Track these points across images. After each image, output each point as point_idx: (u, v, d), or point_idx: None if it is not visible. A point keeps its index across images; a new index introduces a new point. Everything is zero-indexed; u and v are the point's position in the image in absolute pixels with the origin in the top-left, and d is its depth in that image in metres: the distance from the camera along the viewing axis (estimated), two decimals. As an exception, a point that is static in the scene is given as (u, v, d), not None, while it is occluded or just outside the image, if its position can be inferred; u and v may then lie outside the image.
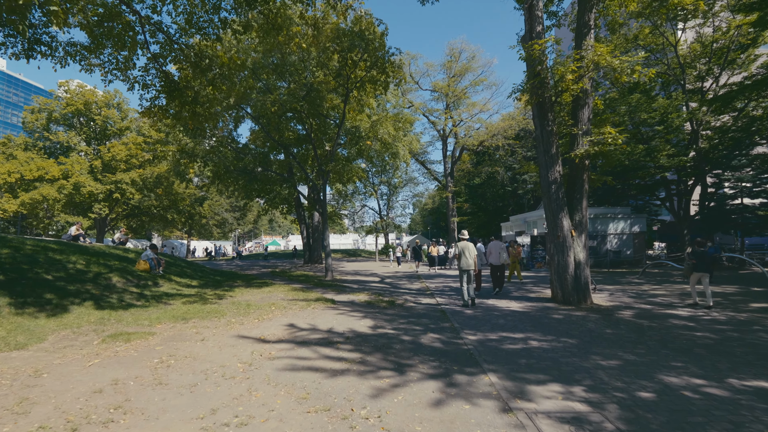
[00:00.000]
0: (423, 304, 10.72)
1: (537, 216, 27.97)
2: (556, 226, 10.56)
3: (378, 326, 7.77)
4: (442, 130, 36.80)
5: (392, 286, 15.34)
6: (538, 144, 11.02)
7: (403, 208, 56.89)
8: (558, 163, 10.73)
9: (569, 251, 10.45)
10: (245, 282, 16.38)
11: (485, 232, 46.88)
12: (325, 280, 17.18)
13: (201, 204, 46.16)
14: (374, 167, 36.46)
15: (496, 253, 12.89)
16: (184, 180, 23.78)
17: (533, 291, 13.20)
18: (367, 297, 11.75)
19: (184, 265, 18.56)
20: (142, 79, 11.82)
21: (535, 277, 18.84)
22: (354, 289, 14.05)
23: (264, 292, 12.63)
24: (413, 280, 17.57)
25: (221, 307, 9.35)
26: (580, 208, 10.84)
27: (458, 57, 34.84)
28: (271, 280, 17.26)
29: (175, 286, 12.69)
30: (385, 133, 20.53)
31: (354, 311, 9.36)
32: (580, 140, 10.85)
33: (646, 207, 32.60)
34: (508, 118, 34.66)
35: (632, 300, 11.20)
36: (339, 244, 78.47)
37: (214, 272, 20.94)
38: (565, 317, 8.72)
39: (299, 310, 9.37)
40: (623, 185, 33.83)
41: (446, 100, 35.28)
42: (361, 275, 20.59)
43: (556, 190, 10.59)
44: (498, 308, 9.95)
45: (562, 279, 10.49)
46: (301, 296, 11.54)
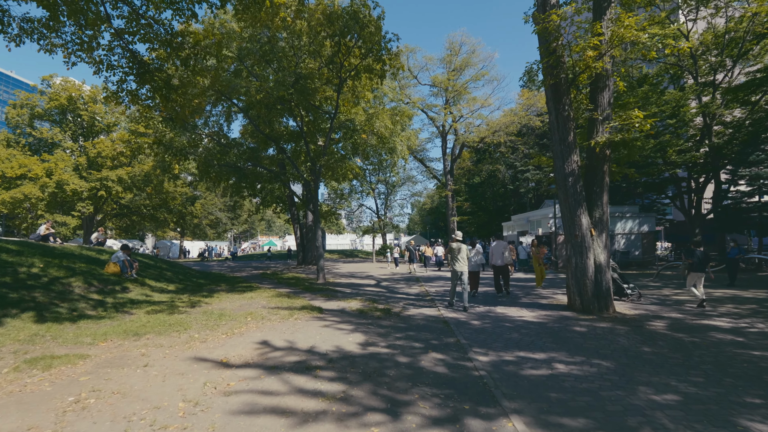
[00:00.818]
0: (423, 312, 9.44)
1: (541, 215, 26.76)
2: (574, 224, 9.30)
3: (370, 343, 6.49)
4: (442, 127, 35.52)
5: (389, 290, 14.06)
6: (552, 131, 9.76)
7: (402, 208, 55.71)
8: (575, 152, 9.47)
9: (588, 252, 9.19)
10: (229, 286, 15.07)
11: (486, 232, 45.65)
12: (317, 284, 15.89)
13: (192, 203, 44.76)
14: (371, 165, 35.14)
15: (499, 253, 12.23)
16: (167, 173, 22.47)
17: (544, 296, 11.94)
18: (360, 304, 10.46)
19: (165, 267, 17.24)
20: (107, 59, 10.51)
21: (542, 279, 17.58)
22: (346, 294, 12.76)
23: (245, 298, 11.33)
24: (411, 284, 16.29)
25: (189, 318, 8.05)
26: (600, 203, 9.58)
27: (458, 51, 33.59)
28: (258, 284, 15.96)
29: (147, 292, 11.38)
30: (381, 127, 19.27)
31: (343, 323, 8.07)
32: (600, 127, 9.60)
33: (654, 206, 31.41)
34: (510, 114, 33.42)
35: (658, 307, 9.94)
36: (336, 244, 77.14)
37: (200, 275, 19.64)
38: (589, 330, 7.46)
39: (279, 321, 8.07)
40: (629, 183, 32.68)
41: (446, 95, 34.00)
42: (356, 278, 19.31)
43: (574, 183, 9.33)
44: (508, 318, 8.68)
45: (581, 284, 9.23)
46: (286, 303, 10.24)
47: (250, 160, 19.27)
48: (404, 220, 68.62)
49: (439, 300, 11.36)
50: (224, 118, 24.36)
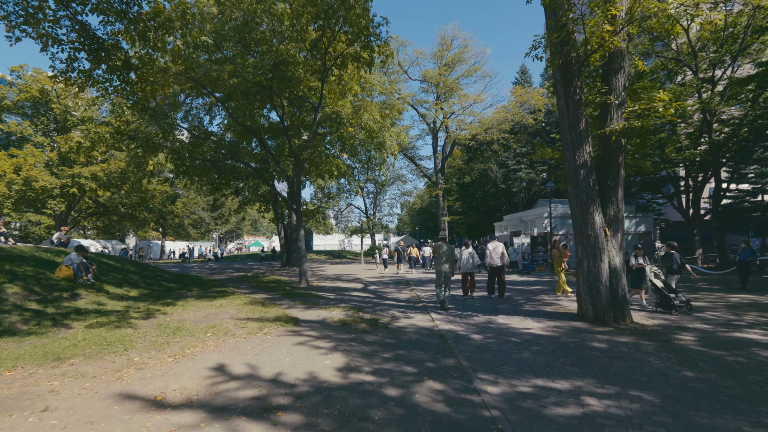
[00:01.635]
0: (414, 323, 8.25)
1: (535, 215, 25.82)
2: (586, 222, 8.20)
3: (351, 367, 5.27)
4: (432, 123, 34.45)
5: (376, 295, 12.84)
6: (561, 118, 8.65)
7: (391, 207, 54.52)
8: (587, 141, 8.37)
9: (602, 255, 8.10)
10: (201, 290, 13.72)
11: (476, 233, 44.70)
12: (298, 288, 14.61)
13: (173, 202, 43.00)
14: (359, 162, 33.90)
15: (496, 253, 11.80)
16: (141, 170, 21.00)
17: (547, 302, 10.84)
18: (344, 314, 9.23)
19: (133, 270, 15.80)
20: (53, 30, 9.15)
21: (540, 282, 16.53)
22: (329, 300, 11.51)
23: (214, 306, 10.01)
24: (401, 287, 15.10)
25: (135, 334, 6.74)
26: (615, 199, 8.50)
27: (450, 45, 32.54)
28: (234, 288, 14.62)
29: (101, 300, 10.00)
30: (370, 120, 18.05)
31: (321, 339, 6.83)
32: (615, 113, 8.53)
33: (649, 206, 30.72)
34: (503, 111, 32.46)
35: (676, 316, 8.89)
36: (324, 245, 75.71)
37: (174, 278, 18.21)
38: (611, 346, 6.34)
39: (245, 337, 6.80)
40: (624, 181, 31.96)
41: (437, 91, 32.91)
42: (343, 280, 18.05)
43: (586, 177, 8.23)
44: (513, 330, 7.53)
45: (594, 291, 8.13)
46: (258, 313, 8.95)
47: (228, 154, 17.89)
48: (393, 220, 67.56)
49: (432, 307, 10.18)
50: (205, 112, 22.96)
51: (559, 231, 23.99)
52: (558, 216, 23.90)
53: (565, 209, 24.62)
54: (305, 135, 18.62)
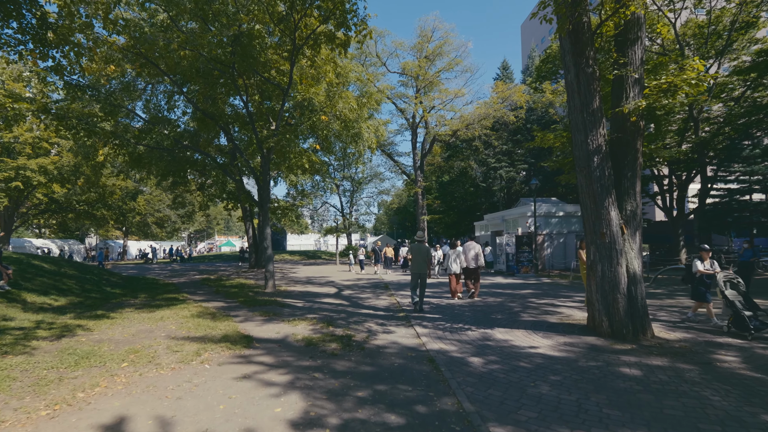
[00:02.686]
0: (397, 340, 6.76)
1: (518, 213, 24.79)
2: (600, 219, 6.90)
3: (311, 420, 3.72)
4: (412, 118, 33.09)
5: (351, 302, 11.29)
6: (570, 96, 7.32)
7: (368, 206, 53.03)
8: (602, 123, 7.06)
9: (619, 257, 6.81)
10: (149, 297, 11.84)
11: (455, 232, 43.63)
12: (263, 294, 12.91)
13: (134, 198, 40.20)
14: (335, 157, 32.32)
15: (472, 254, 11.66)
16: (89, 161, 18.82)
17: (546, 310, 9.54)
18: (311, 328, 7.64)
19: (71, 274, 13.73)
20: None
21: (529, 285, 15.33)
22: (296, 310, 9.89)
23: (154, 319, 8.25)
24: (379, 292, 13.60)
25: (22, 365, 4.98)
26: (633, 192, 7.24)
27: (430, 37, 31.24)
28: (188, 295, 12.80)
29: (10, 312, 8.08)
30: (345, 109, 16.46)
31: (276, 368, 5.25)
32: (632, 90, 7.26)
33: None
34: (484, 106, 31.40)
35: (698, 328, 7.71)
36: (299, 245, 73.41)
37: (123, 281, 16.17)
38: (646, 373, 5.01)
39: (173, 368, 5.13)
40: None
41: (416, 84, 31.56)
42: (315, 284, 16.41)
43: (600, 164, 6.93)
44: (519, 349, 6.13)
45: (610, 300, 6.83)
46: (203, 329, 7.26)
47: (187, 143, 15.97)
48: (371, 219, 66.12)
49: (416, 317, 8.71)
50: (166, 101, 20.83)
51: (543, 230, 23.03)
52: (542, 215, 22.91)
53: (548, 208, 23.70)
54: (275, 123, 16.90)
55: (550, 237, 23.20)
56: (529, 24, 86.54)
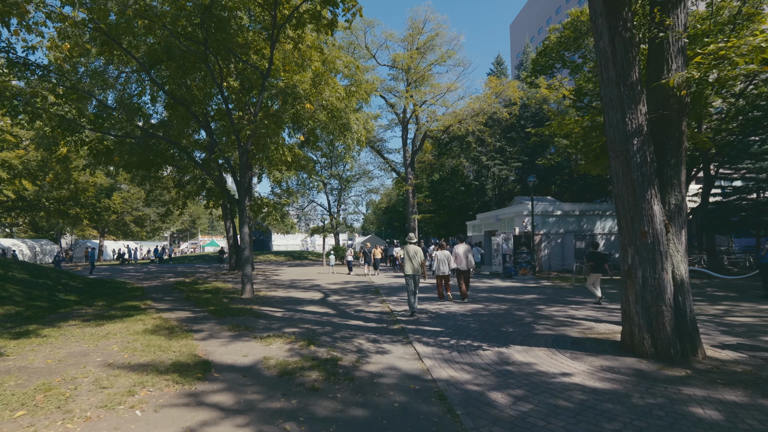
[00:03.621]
0: (395, 363, 5.44)
1: (513, 212, 23.68)
2: (640, 213, 5.68)
3: None
4: (402, 113, 31.81)
5: (339, 310, 9.94)
6: (603, 66, 6.09)
7: (356, 205, 51.53)
8: (642, 99, 5.84)
9: (664, 261, 5.60)
10: (104, 306, 10.33)
11: (446, 232, 42.50)
12: (239, 300, 11.48)
13: (109, 196, 38.14)
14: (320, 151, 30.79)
15: (463, 256, 11.34)
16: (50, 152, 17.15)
17: (560, 319, 8.31)
18: (288, 347, 6.27)
19: (19, 278, 12.09)
20: None
21: (530, 288, 14.17)
22: (274, 322, 8.50)
23: (98, 335, 6.79)
24: (369, 297, 12.27)
25: None
26: (678, 182, 6.04)
27: (422, 29, 30.02)
28: (152, 302, 11.30)
29: None
30: (332, 97, 15.09)
31: (235, 415, 3.88)
32: (674, 60, 6.07)
33: (628, 204, 29.46)
34: (477, 100, 30.27)
35: (748, 345, 6.55)
36: (285, 245, 71.78)
37: (85, 286, 14.57)
38: (727, 415, 3.77)
39: (87, 419, 3.71)
40: (600, 179, 30.61)
41: (407, 77, 30.29)
42: (299, 288, 15.00)
43: (641, 148, 5.71)
44: (549, 378, 4.86)
45: (653, 313, 5.61)
46: (152, 351, 5.83)
47: (155, 132, 14.39)
48: (359, 219, 64.68)
49: (413, 329, 7.40)
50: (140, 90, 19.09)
51: (540, 230, 21.96)
52: (538, 214, 21.85)
53: (545, 207, 22.67)
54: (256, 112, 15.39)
55: (547, 237, 22.16)
56: (518, 23, 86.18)
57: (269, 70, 12.52)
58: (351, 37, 29.34)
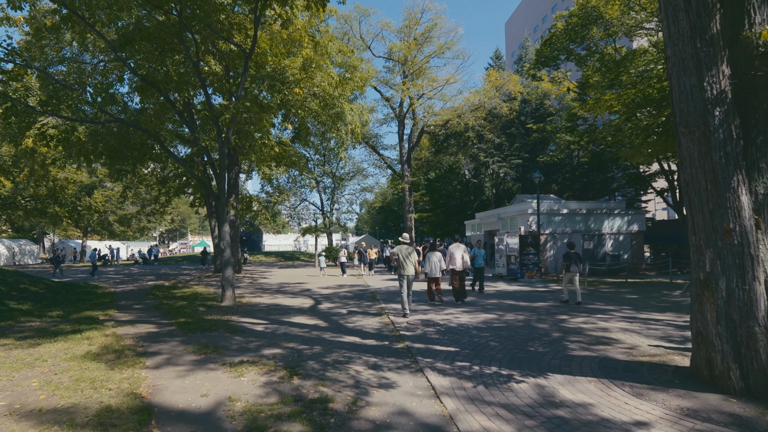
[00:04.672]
0: (404, 407, 4.05)
1: (516, 211, 22.39)
2: (724, 205, 4.36)
3: None
4: (399, 107, 30.44)
5: (331, 322, 8.53)
6: (670, 18, 4.74)
7: (350, 204, 50.10)
8: (724, 59, 4.52)
9: (756, 266, 4.29)
10: (58, 317, 8.84)
11: (443, 232, 41.23)
12: (216, 309, 10.03)
13: (90, 194, 36.36)
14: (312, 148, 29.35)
15: (458, 256, 11.11)
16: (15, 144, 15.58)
17: (593, 334, 6.97)
18: (263, 381, 4.85)
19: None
20: None
21: (540, 294, 12.86)
22: (252, 338, 7.07)
23: (24, 361, 5.33)
24: (365, 304, 10.87)
25: None
26: (767, 166, 4.72)
27: (419, 19, 28.68)
28: (116, 311, 9.83)
29: None
30: (325, 82, 13.69)
31: None
32: (757, 13, 4.75)
33: (634, 202, 28.37)
34: (477, 93, 28.98)
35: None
36: (277, 245, 70.08)
37: (45, 290, 13.03)
38: None
39: None
40: (604, 175, 29.48)
41: (404, 69, 28.92)
42: (287, 294, 13.57)
43: (724, 121, 4.39)
44: (618, 430, 3.51)
45: (741, 334, 4.28)
46: (81, 388, 4.38)
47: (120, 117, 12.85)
48: (353, 218, 63.27)
49: (423, 350, 6.02)
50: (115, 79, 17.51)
51: (546, 230, 20.70)
52: (543, 213, 20.57)
53: (550, 205, 21.42)
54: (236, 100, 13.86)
55: (552, 237, 20.89)
56: (513, 22, 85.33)
57: (252, 49, 11.08)
58: (345, 27, 27.94)
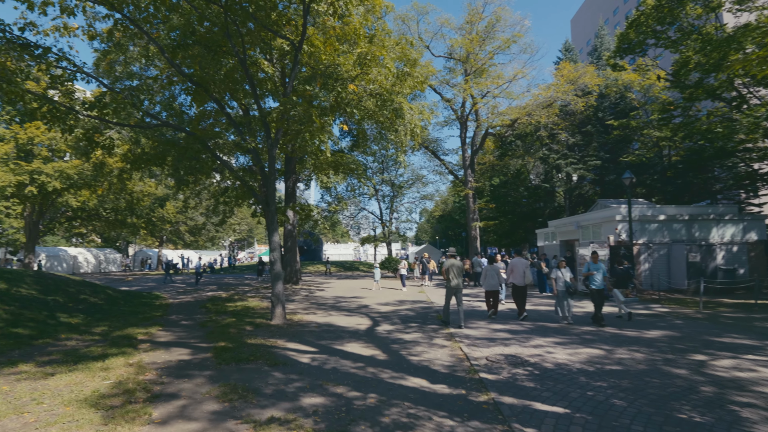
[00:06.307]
0: None
1: (601, 218, 19.54)
2: None
3: None
4: (460, 109, 28.58)
5: (390, 353, 7.01)
6: None
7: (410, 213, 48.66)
8: None
9: None
10: (100, 335, 8.19)
11: (510, 242, 38.36)
12: (262, 330, 8.93)
13: (162, 205, 38.14)
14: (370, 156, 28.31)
15: (519, 271, 10.67)
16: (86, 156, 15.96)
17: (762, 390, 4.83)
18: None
19: (21, 295, 10.39)
20: None
21: (642, 318, 10.42)
22: (294, 375, 5.74)
23: (14, 405, 4.37)
24: (431, 329, 9.25)
25: None
26: None
27: (481, 14, 26.78)
28: (159, 329, 9.07)
29: None
30: (381, 76, 12.41)
31: None
32: None
33: (745, 206, 24.12)
34: (546, 89, 26.37)
35: None
36: (337, 254, 70.18)
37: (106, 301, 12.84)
38: None
39: None
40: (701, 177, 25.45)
41: (465, 68, 27.07)
42: (342, 311, 12.29)
43: None
44: None
45: None
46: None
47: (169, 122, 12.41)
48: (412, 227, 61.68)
49: (517, 407, 4.31)
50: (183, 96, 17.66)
51: (639, 239, 17.75)
52: (635, 219, 17.67)
53: (642, 211, 18.41)
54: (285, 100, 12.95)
55: (647, 248, 17.88)
56: (579, 17, 79.94)
57: (302, 39, 10.05)
58: (403, 28, 26.77)
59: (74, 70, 9.39)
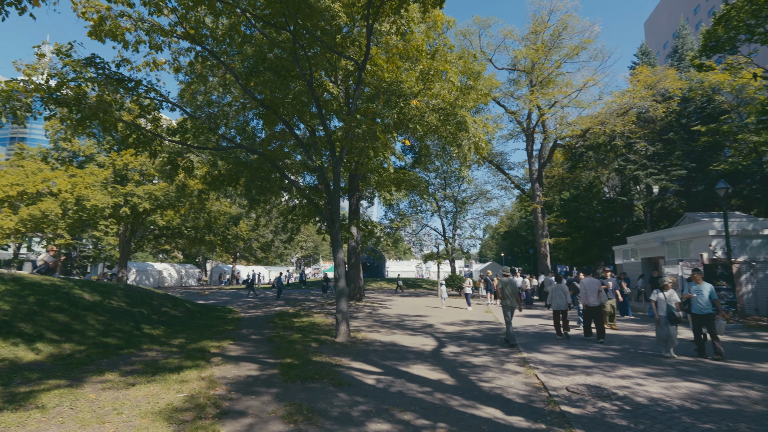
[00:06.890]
0: None
1: (690, 233, 17.59)
2: None
3: None
4: (526, 121, 27.54)
5: (458, 378, 6.62)
6: None
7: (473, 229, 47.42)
8: None
9: None
10: (178, 346, 8.65)
11: (582, 259, 35.84)
12: (328, 347, 8.92)
13: (236, 224, 40.51)
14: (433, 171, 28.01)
15: (593, 292, 10.11)
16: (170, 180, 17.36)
17: None
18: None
19: (112, 307, 11.33)
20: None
21: (748, 348, 9.00)
22: (360, 397, 5.57)
23: (96, 414, 4.62)
24: (500, 352, 8.67)
25: None
26: None
27: (546, 22, 25.85)
28: (230, 342, 9.41)
29: None
30: (444, 91, 12.25)
31: None
32: None
33: None
34: (621, 96, 24.62)
35: None
36: (400, 271, 69.99)
37: (185, 314, 13.68)
38: None
39: None
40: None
41: (530, 78, 26.13)
42: (406, 329, 12.02)
43: None
44: None
45: None
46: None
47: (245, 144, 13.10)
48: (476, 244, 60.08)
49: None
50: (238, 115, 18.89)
51: (738, 257, 15.69)
52: (734, 235, 15.67)
53: (741, 225, 16.29)
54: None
55: (749, 266, 15.74)
56: (654, 19, 74.71)
57: (366, 59, 10.18)
58: (464, 42, 26.52)
59: (161, 99, 10.32)
